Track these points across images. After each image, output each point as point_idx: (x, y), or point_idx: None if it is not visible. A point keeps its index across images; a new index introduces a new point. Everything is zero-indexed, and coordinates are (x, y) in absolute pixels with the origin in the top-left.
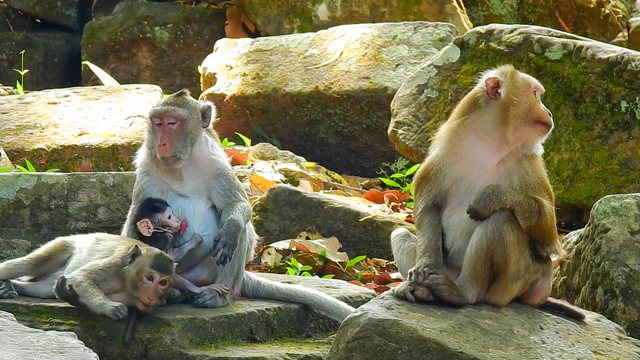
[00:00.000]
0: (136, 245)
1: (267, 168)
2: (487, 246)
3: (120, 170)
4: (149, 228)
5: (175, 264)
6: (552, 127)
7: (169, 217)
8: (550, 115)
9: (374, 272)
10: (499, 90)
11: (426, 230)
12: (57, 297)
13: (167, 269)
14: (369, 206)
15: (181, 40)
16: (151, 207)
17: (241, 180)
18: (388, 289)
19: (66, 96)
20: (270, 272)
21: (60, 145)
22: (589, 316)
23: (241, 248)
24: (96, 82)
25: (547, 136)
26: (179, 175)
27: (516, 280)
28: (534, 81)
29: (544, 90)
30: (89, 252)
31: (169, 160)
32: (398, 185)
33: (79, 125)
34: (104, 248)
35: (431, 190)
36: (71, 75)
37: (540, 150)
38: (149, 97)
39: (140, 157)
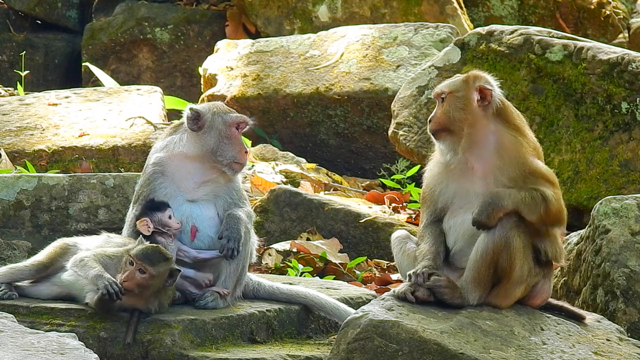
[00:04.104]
0: (140, 238)
1: (267, 169)
2: (493, 251)
3: (121, 172)
4: (149, 227)
5: (173, 265)
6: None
7: (169, 217)
8: (430, 121)
9: (375, 273)
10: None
11: (428, 239)
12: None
13: (147, 258)
14: (370, 207)
15: (182, 41)
16: (152, 206)
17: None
18: (389, 290)
19: (66, 97)
20: (270, 273)
21: (61, 147)
22: (590, 317)
23: (245, 250)
24: (97, 83)
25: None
26: (199, 181)
27: (519, 284)
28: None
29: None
30: (100, 246)
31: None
32: (398, 186)
33: (79, 126)
34: (115, 244)
35: (431, 206)
36: (72, 76)
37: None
38: (149, 98)
39: (157, 157)
